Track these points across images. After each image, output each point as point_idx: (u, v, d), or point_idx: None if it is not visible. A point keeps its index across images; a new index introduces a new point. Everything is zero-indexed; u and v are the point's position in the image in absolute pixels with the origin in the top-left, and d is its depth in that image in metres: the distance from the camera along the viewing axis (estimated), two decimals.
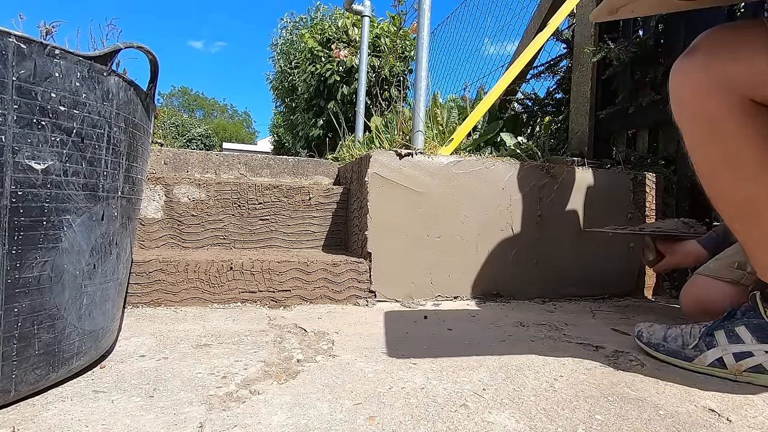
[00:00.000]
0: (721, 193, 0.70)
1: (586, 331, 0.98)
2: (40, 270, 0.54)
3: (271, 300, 1.12)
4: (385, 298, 1.20)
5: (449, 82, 4.03)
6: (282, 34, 6.13)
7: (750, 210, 0.67)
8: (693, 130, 0.69)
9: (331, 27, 4.59)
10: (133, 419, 0.52)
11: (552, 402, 0.60)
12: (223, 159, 1.66)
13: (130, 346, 0.77)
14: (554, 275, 1.36)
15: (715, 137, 0.66)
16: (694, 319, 0.98)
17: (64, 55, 0.54)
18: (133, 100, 0.66)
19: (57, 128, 0.54)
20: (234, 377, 0.65)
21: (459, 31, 3.87)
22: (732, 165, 0.66)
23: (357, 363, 0.73)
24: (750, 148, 0.63)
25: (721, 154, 0.66)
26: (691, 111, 0.68)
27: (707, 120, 0.66)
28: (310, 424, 0.52)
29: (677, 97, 0.70)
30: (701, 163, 0.71)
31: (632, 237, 1.36)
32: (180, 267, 1.06)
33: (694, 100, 0.67)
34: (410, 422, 0.53)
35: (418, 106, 1.35)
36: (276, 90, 6.29)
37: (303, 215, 1.40)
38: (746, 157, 0.64)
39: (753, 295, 0.72)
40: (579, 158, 1.55)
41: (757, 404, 0.62)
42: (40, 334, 0.55)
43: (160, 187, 1.28)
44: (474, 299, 1.27)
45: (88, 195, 0.59)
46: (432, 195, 1.25)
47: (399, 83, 4.37)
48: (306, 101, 4.82)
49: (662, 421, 0.55)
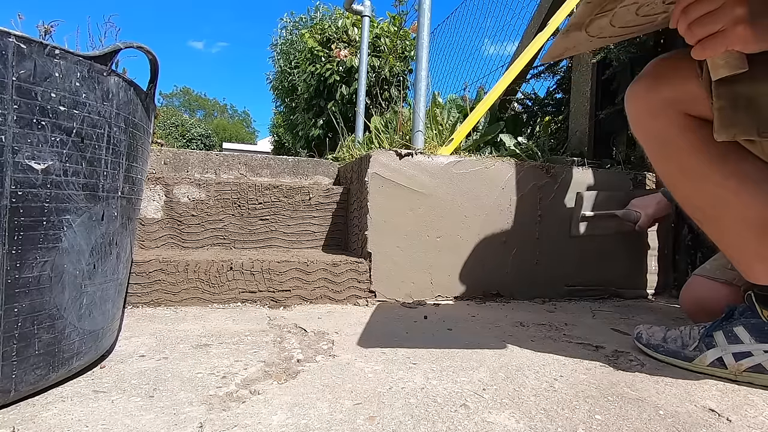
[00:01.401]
0: (685, 199, 0.77)
1: (586, 331, 0.98)
2: (40, 270, 0.54)
3: (271, 300, 1.12)
4: (385, 298, 1.20)
5: (449, 82, 4.02)
6: (282, 34, 6.13)
7: (712, 213, 0.73)
8: (648, 145, 0.78)
9: (331, 27, 4.60)
10: (133, 419, 0.52)
11: (552, 402, 0.60)
12: (223, 159, 1.66)
13: (130, 346, 0.77)
14: (554, 275, 1.36)
15: (667, 150, 0.75)
16: (694, 319, 0.98)
17: (64, 55, 0.54)
18: (133, 100, 0.66)
19: (57, 128, 0.54)
20: (234, 377, 0.65)
21: (459, 31, 3.87)
22: (685, 172, 0.73)
23: (357, 363, 0.73)
24: (697, 155, 0.71)
25: (676, 164, 0.74)
26: (644, 129, 0.78)
27: (657, 135, 0.75)
28: (310, 424, 0.52)
29: (632, 118, 0.80)
30: (662, 175, 0.79)
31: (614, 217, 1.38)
32: (180, 267, 1.06)
33: (645, 119, 0.77)
34: (410, 422, 0.53)
35: (418, 106, 1.35)
36: (276, 90, 6.29)
37: (303, 215, 1.40)
38: (695, 163, 0.71)
39: (748, 296, 0.73)
40: (579, 158, 1.55)
41: (757, 404, 0.62)
42: (40, 334, 0.55)
43: (160, 187, 1.28)
44: (474, 299, 1.27)
45: (88, 195, 0.59)
46: (432, 195, 1.25)
47: (399, 83, 4.37)
48: (306, 101, 4.82)
49: (662, 421, 0.55)
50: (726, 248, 0.76)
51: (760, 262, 0.70)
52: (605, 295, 1.41)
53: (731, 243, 0.74)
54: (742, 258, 0.73)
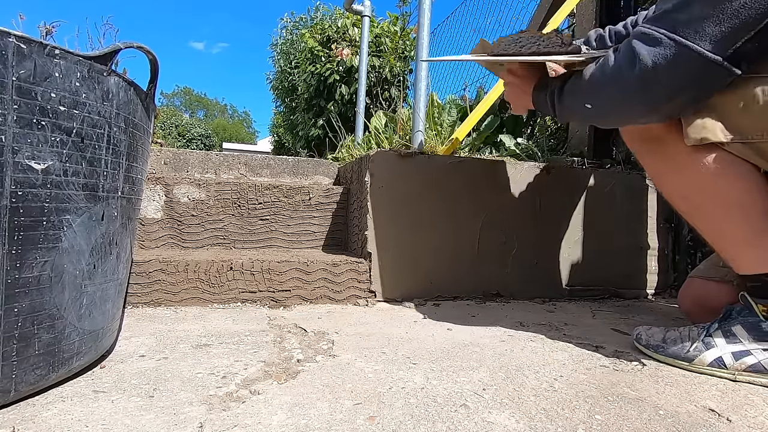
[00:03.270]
0: (673, 191, 0.81)
1: (586, 331, 0.98)
2: (40, 270, 0.54)
3: (271, 300, 1.12)
4: (384, 298, 1.20)
5: (449, 82, 4.03)
6: (282, 34, 6.13)
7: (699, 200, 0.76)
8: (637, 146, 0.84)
9: (331, 27, 4.59)
10: (133, 419, 0.52)
11: (552, 402, 0.60)
12: (223, 159, 1.66)
13: (130, 346, 0.77)
14: (554, 275, 1.36)
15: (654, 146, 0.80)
16: (693, 320, 0.98)
17: (64, 55, 0.54)
18: (133, 100, 0.66)
19: (57, 128, 0.54)
20: (234, 377, 0.65)
21: (459, 31, 3.87)
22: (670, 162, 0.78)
23: (357, 363, 0.73)
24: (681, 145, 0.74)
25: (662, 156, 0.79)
26: (630, 130, 0.84)
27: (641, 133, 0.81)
28: (310, 424, 0.52)
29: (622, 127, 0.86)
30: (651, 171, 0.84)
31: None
32: (180, 267, 1.06)
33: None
34: (410, 422, 0.53)
35: (418, 106, 1.35)
36: (276, 90, 6.29)
37: (303, 215, 1.40)
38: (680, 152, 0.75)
39: (743, 295, 0.73)
40: (579, 158, 1.55)
41: (757, 404, 0.62)
42: (40, 334, 0.55)
43: (160, 187, 1.28)
44: (474, 299, 1.27)
45: (88, 195, 0.59)
46: (432, 195, 1.24)
47: (399, 83, 4.37)
48: (306, 101, 4.82)
49: (662, 421, 0.55)
50: (715, 239, 0.77)
51: (747, 246, 0.72)
52: (605, 295, 1.41)
53: (719, 231, 0.76)
54: (731, 246, 0.75)
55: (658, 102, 0.68)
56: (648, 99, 0.68)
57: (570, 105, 0.79)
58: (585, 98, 0.76)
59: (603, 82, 0.72)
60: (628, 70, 0.67)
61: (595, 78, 0.73)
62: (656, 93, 0.67)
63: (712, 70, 0.62)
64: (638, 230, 1.45)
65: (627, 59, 0.68)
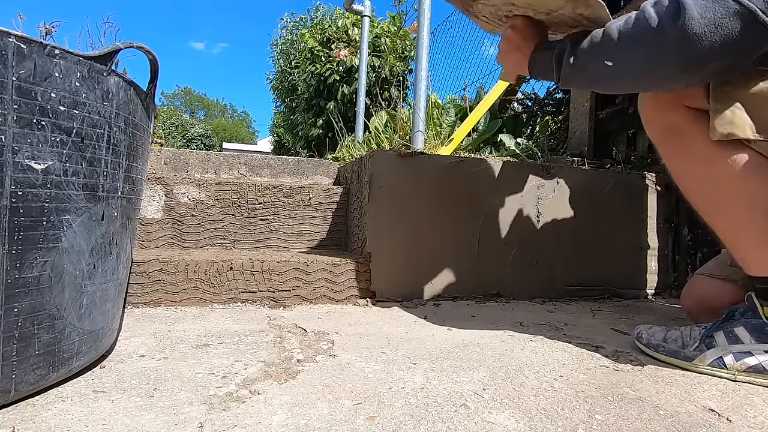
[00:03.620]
0: (693, 188, 0.79)
1: (586, 331, 0.98)
2: (40, 270, 0.54)
3: (271, 300, 1.12)
4: (385, 298, 1.20)
5: (449, 82, 4.03)
6: (282, 34, 6.13)
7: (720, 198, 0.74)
8: (661, 138, 0.82)
9: (331, 27, 4.60)
10: (133, 419, 0.52)
11: (552, 402, 0.60)
12: (223, 159, 1.66)
13: (130, 346, 0.77)
14: (554, 275, 1.36)
15: (680, 138, 0.77)
16: (695, 319, 0.98)
17: (64, 55, 0.54)
18: (133, 100, 0.66)
19: (57, 128, 0.54)
20: (234, 377, 0.65)
21: (459, 31, 3.88)
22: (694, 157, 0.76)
23: (357, 363, 0.73)
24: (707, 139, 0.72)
25: (686, 149, 0.77)
26: (657, 123, 0.82)
27: (669, 126, 0.79)
28: (310, 424, 0.52)
29: (646, 116, 0.83)
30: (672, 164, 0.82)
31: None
32: (180, 267, 1.06)
33: (658, 115, 0.81)
34: (410, 422, 0.53)
35: (418, 106, 1.35)
36: (276, 90, 6.29)
37: (303, 215, 1.40)
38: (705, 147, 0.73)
39: (749, 296, 0.73)
40: (579, 158, 1.55)
41: (757, 404, 0.62)
42: (40, 334, 0.55)
43: (160, 187, 1.28)
44: (474, 299, 1.27)
45: (88, 195, 0.59)
46: (432, 195, 1.24)
47: (399, 83, 4.37)
48: (306, 101, 4.82)
49: (662, 421, 0.55)
50: (728, 237, 0.76)
51: (762, 247, 0.71)
52: (605, 295, 1.41)
53: (735, 230, 0.74)
54: (746, 246, 0.73)
55: (693, 64, 0.63)
56: (683, 60, 0.63)
57: (583, 64, 0.73)
58: (607, 55, 0.69)
59: (635, 35, 0.66)
60: (670, 24, 0.61)
61: (626, 32, 0.67)
62: (695, 53, 0.61)
63: (759, 32, 0.58)
64: (638, 230, 1.45)
65: (670, 12, 0.62)
